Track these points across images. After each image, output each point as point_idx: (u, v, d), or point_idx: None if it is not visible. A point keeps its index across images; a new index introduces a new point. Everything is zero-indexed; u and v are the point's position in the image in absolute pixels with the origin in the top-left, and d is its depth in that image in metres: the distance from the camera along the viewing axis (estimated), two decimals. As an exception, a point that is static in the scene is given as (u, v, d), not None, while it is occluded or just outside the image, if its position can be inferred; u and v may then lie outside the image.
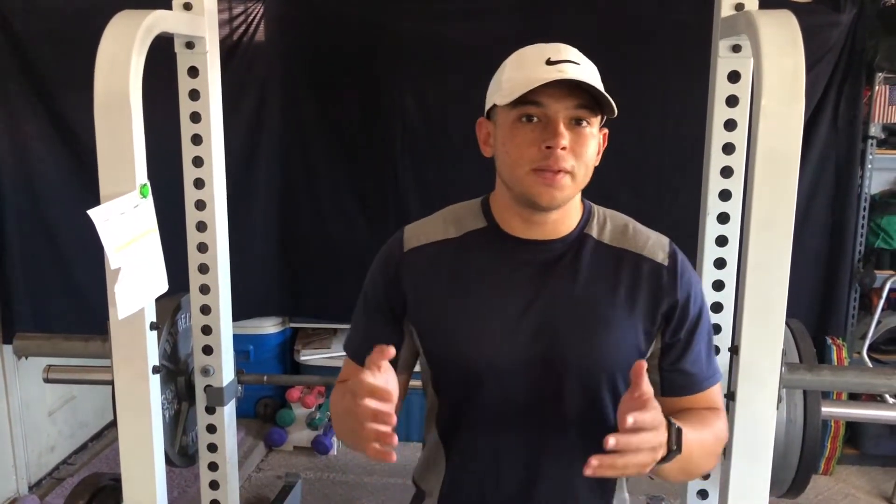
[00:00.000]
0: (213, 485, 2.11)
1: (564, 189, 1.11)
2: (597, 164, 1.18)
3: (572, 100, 1.09)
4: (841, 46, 2.72)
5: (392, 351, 0.99)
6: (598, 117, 1.13)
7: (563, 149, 1.08)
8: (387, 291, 1.25)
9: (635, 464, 0.96)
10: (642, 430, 0.95)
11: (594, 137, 1.13)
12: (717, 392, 1.26)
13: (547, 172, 1.10)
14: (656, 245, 1.22)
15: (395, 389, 1.00)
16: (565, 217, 1.20)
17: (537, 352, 1.17)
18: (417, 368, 1.32)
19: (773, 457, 1.55)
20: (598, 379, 1.19)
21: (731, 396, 1.54)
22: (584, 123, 1.11)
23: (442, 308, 1.21)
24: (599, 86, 1.10)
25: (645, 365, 0.98)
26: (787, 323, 1.65)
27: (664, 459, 1.02)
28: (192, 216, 1.94)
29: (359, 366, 1.25)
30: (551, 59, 1.11)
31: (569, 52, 1.13)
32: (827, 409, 1.86)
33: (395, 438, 0.95)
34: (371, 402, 0.95)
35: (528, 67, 1.12)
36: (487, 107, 1.19)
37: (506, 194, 1.19)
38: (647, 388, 0.97)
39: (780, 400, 1.63)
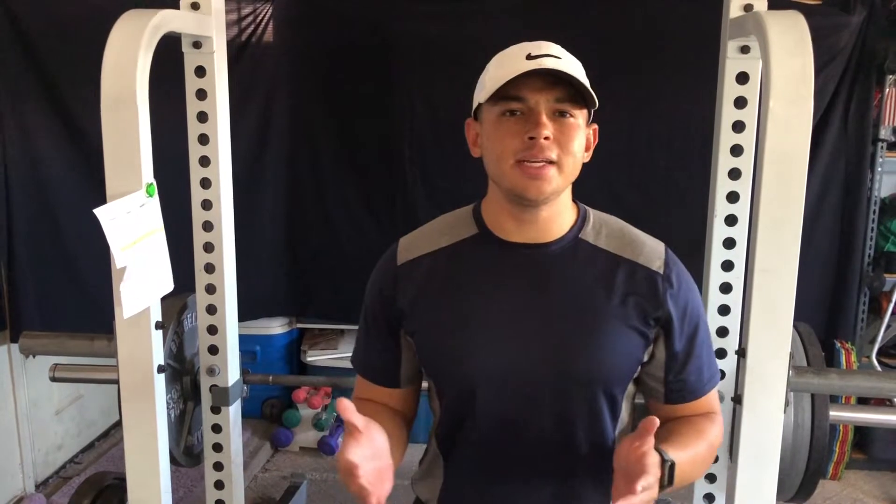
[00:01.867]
0: (219, 485, 2.11)
1: (551, 181, 1.10)
2: (587, 160, 1.17)
3: (553, 92, 1.09)
4: (851, 48, 2.70)
5: (359, 418, 1.02)
6: (584, 110, 1.13)
7: (547, 139, 1.08)
8: (384, 306, 1.25)
9: None
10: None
11: (580, 129, 1.12)
12: (714, 395, 1.26)
13: (531, 165, 1.09)
14: (652, 252, 1.21)
15: (382, 442, 1.05)
16: (557, 217, 1.18)
17: (532, 359, 1.16)
18: None
19: (781, 461, 1.53)
20: (594, 386, 1.17)
21: (737, 400, 1.53)
22: (569, 115, 1.10)
23: (437, 319, 1.20)
24: (581, 78, 1.09)
25: (657, 422, 0.99)
26: (795, 326, 1.64)
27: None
28: (198, 216, 1.94)
29: (369, 382, 1.31)
30: (532, 54, 1.10)
31: (550, 47, 1.13)
32: (835, 414, 1.84)
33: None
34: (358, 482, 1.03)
35: (508, 64, 1.11)
36: (474, 107, 1.19)
37: (497, 194, 1.18)
38: (650, 442, 0.99)
39: (787, 403, 1.63)
